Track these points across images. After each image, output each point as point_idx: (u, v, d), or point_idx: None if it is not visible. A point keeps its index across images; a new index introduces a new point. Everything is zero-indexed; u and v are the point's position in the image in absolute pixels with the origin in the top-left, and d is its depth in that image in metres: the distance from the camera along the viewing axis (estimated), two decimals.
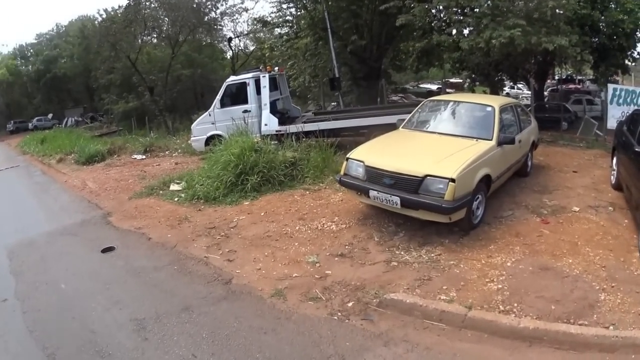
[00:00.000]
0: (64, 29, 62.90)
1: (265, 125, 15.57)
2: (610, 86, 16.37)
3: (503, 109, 9.76)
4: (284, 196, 10.66)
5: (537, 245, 7.42)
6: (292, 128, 14.93)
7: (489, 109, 9.55)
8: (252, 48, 48.27)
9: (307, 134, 14.49)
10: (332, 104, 28.93)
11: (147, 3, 38.93)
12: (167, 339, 5.83)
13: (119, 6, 40.68)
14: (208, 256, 8.10)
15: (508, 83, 30.18)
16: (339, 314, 6.12)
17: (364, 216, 8.99)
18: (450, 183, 7.29)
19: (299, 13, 24.96)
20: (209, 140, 15.75)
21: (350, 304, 6.29)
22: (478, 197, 8.06)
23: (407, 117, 10.61)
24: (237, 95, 16.63)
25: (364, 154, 8.73)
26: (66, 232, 10.50)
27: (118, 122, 44.78)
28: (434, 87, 47.86)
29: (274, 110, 16.27)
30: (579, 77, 39.89)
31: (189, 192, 11.54)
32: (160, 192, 12.30)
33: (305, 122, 15.41)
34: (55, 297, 7.35)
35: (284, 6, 25.68)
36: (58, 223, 11.16)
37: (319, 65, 24.28)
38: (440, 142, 8.97)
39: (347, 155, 8.86)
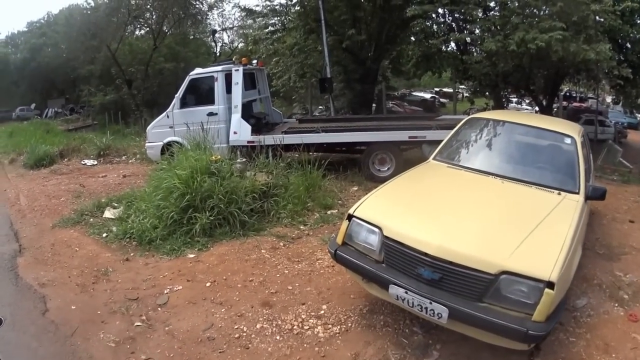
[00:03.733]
0: (53, 17, 59.28)
1: (235, 133, 11.89)
2: None
3: (582, 141, 6.48)
4: (246, 248, 7.14)
5: None
6: (269, 139, 11.42)
7: (569, 140, 6.27)
8: (238, 44, 45.33)
9: (289, 147, 11.08)
10: (320, 107, 25.90)
11: None
12: None
13: None
14: None
15: (514, 98, 26.94)
16: None
17: (369, 306, 5.48)
18: (546, 290, 3.90)
19: (289, 2, 21.16)
20: (168, 148, 11.75)
21: None
22: None
23: (435, 137, 8.03)
24: (202, 93, 12.77)
25: (381, 210, 5.04)
26: None
27: (95, 115, 41.40)
28: (427, 95, 44.43)
29: (248, 114, 12.62)
30: (581, 95, 36.95)
31: (121, 225, 8.10)
32: (91, 219, 8.95)
33: (286, 133, 11.79)
34: None
35: None
36: None
37: (307, 62, 20.76)
38: (507, 196, 5.48)
39: (351, 211, 5.08)
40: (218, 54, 41.73)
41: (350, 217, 5.02)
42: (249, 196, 7.88)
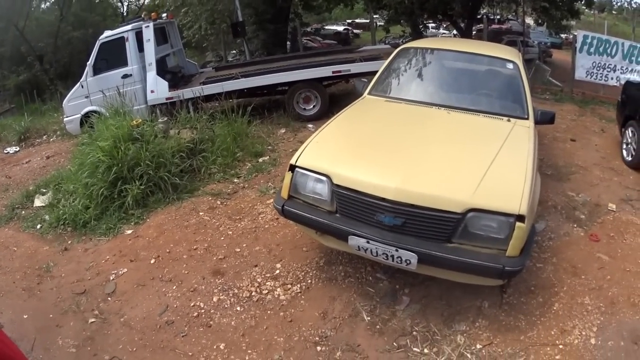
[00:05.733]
0: None
1: (152, 92, 11.21)
2: (581, 33, 14.04)
3: (523, 64, 6.24)
4: (183, 213, 6.66)
5: (607, 289, 4.71)
6: (188, 92, 10.71)
7: (511, 65, 6.01)
8: (144, 0, 43.16)
9: (209, 97, 10.56)
10: (232, 52, 25.34)
11: None
12: None
13: None
14: None
15: (431, 24, 26.65)
16: None
17: (325, 257, 5.14)
18: (517, 224, 3.72)
19: None
20: (87, 119, 10.77)
21: None
22: None
23: (360, 70, 7.81)
24: (114, 56, 11.79)
25: (326, 156, 4.58)
26: None
27: (11, 98, 38.80)
28: (340, 28, 43.73)
29: (163, 69, 11.99)
30: (499, 18, 36.83)
31: (52, 213, 7.39)
32: (23, 212, 8.12)
33: (204, 83, 11.16)
34: None
35: None
36: None
37: (217, 9, 19.38)
38: (457, 127, 5.17)
39: (293, 161, 4.59)
40: (126, 14, 40.41)
41: (292, 167, 4.56)
42: (176, 156, 7.35)
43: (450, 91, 5.94)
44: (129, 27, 11.80)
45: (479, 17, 21.28)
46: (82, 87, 12.09)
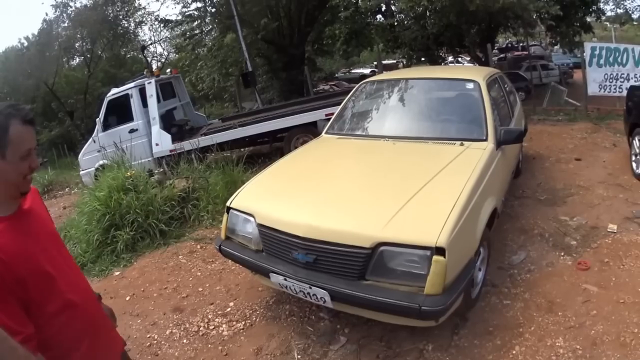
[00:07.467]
0: None
1: (157, 145, 11.97)
2: (588, 45, 13.41)
3: (490, 83, 6.03)
4: (165, 257, 7.11)
5: (590, 327, 4.03)
6: (187, 145, 11.32)
7: (471, 85, 5.75)
8: (168, 55, 44.28)
9: (208, 149, 11.07)
10: (256, 102, 25.70)
11: (60, 24, 36.24)
12: None
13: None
14: None
15: (449, 57, 26.82)
16: None
17: (275, 297, 5.33)
18: (435, 257, 3.43)
19: (199, 5, 21.02)
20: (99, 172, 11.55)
21: None
22: (479, 253, 4.19)
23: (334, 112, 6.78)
24: (121, 112, 12.70)
25: (256, 197, 4.78)
26: None
27: (45, 153, 40.17)
28: (366, 71, 43.90)
29: (170, 122, 12.77)
30: (522, 44, 36.77)
31: None
32: None
33: (205, 134, 11.88)
34: None
35: None
36: None
37: (229, 60, 20.29)
38: (396, 158, 5.10)
39: (228, 203, 4.80)
40: (153, 69, 41.15)
41: (228, 209, 4.76)
42: (166, 205, 7.90)
43: (402, 121, 5.89)
44: (132, 84, 12.75)
45: (503, 47, 21.49)
46: (94, 142, 12.95)
